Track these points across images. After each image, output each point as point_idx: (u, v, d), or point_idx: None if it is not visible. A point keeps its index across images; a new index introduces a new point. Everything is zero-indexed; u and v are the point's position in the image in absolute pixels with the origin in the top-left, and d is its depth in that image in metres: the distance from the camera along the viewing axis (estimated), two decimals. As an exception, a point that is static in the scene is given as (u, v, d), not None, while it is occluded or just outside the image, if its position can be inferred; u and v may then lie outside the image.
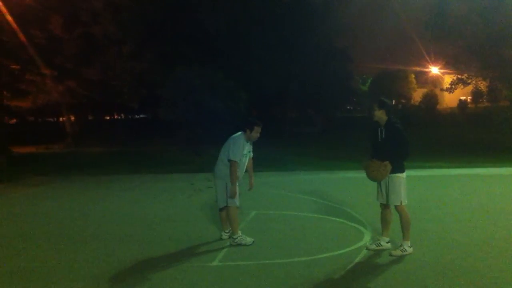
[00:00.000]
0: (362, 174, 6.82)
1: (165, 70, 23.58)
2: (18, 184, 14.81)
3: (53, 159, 23.08)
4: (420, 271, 5.67)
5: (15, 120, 37.60)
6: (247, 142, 7.16)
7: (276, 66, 30.05)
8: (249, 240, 7.08)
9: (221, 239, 7.35)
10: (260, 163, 15.16)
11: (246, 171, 7.35)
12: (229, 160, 6.95)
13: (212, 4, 29.26)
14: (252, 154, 7.35)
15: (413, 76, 61.67)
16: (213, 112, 20.56)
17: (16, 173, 17.22)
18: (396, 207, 6.38)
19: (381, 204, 6.60)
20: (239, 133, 7.19)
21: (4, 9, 22.91)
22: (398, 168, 6.29)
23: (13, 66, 26.52)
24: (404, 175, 6.37)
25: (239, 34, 29.90)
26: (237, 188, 7.09)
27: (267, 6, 30.50)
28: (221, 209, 7.31)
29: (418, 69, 49.78)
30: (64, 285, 5.54)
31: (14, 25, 23.39)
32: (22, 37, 23.99)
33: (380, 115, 6.36)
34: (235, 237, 7.09)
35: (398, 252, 6.28)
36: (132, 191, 13.06)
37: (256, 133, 7.12)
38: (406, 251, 6.29)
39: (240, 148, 7.01)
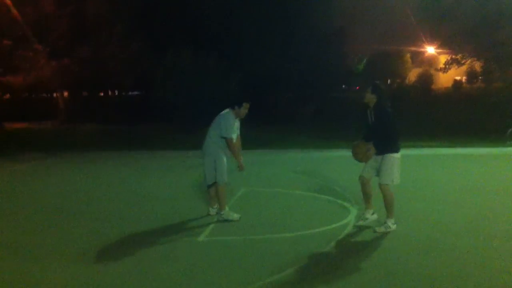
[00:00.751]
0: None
1: (157, 51, 23.41)
2: (9, 160, 14.78)
3: (45, 135, 23.01)
4: (403, 248, 5.76)
5: (8, 96, 37.32)
6: (236, 119, 7.19)
7: (270, 47, 29.85)
8: (236, 216, 7.14)
9: (208, 215, 7.40)
10: (253, 142, 15.29)
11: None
12: (223, 137, 7.01)
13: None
14: (239, 132, 7.37)
15: (408, 56, 61.38)
16: (206, 93, 20.50)
17: (8, 148, 17.18)
18: (381, 185, 6.43)
19: (361, 178, 6.65)
20: (227, 110, 7.21)
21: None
22: (391, 148, 6.38)
23: (5, 42, 26.27)
24: (398, 155, 6.44)
25: (232, 16, 29.63)
26: (225, 164, 7.15)
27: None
28: (209, 186, 7.35)
29: (413, 49, 49.57)
30: (48, 261, 5.58)
31: (6, 1, 23.14)
32: (14, 13, 23.74)
33: (371, 98, 6.45)
34: (222, 212, 7.15)
35: (382, 229, 6.36)
36: (123, 168, 13.12)
37: (244, 109, 7.16)
38: (390, 228, 6.37)
39: (232, 124, 7.05)
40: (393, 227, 6.39)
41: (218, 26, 29.49)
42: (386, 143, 6.34)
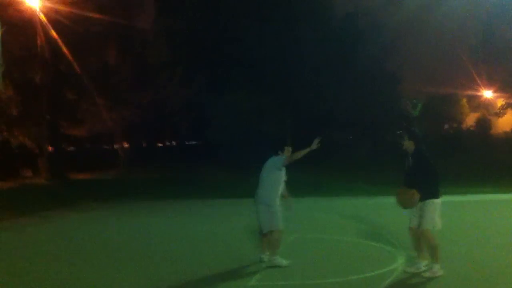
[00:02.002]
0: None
1: (214, 94, 24.16)
2: (74, 209, 15.53)
3: (107, 185, 23.92)
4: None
5: (72, 147, 39.08)
6: (284, 162, 7.41)
7: (323, 88, 30.26)
8: (285, 262, 7.30)
9: (260, 261, 7.55)
10: (305, 187, 15.55)
11: (282, 196, 7.62)
12: (283, 166, 7.33)
13: (259, 28, 29.79)
14: (285, 178, 7.63)
15: (465, 100, 60.31)
16: (260, 135, 20.86)
17: (72, 198, 18.04)
18: (422, 230, 6.51)
19: (410, 229, 6.78)
20: (272, 158, 7.56)
21: (60, 40, 24.18)
22: (431, 194, 6.49)
23: (70, 96, 27.86)
24: (438, 200, 6.54)
25: (285, 57, 30.26)
26: (280, 212, 7.38)
27: (315, 29, 30.76)
28: (262, 233, 7.53)
29: (470, 93, 48.79)
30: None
31: (70, 55, 24.62)
32: (77, 66, 25.18)
33: (409, 145, 6.65)
34: (272, 258, 7.35)
35: (428, 274, 6.45)
36: (180, 215, 13.62)
37: (288, 152, 7.45)
38: (437, 273, 6.42)
39: (283, 162, 7.33)
40: (440, 272, 6.43)
41: (272, 67, 30.11)
42: (426, 189, 6.43)
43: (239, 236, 9.95)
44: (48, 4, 23.06)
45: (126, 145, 35.68)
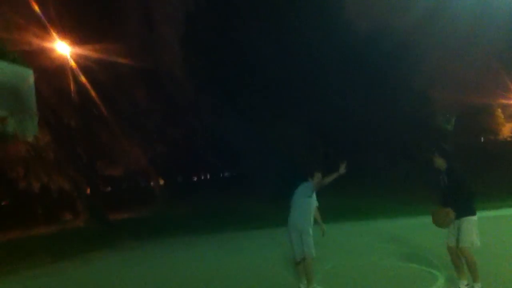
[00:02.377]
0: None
1: (241, 126, 24.34)
2: (113, 249, 15.78)
3: (145, 223, 24.25)
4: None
5: (109, 188, 39.80)
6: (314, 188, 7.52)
7: (350, 112, 30.20)
8: None
9: None
10: (341, 212, 15.46)
11: (315, 221, 7.68)
12: (313, 192, 7.45)
13: (282, 55, 29.97)
14: (317, 204, 7.73)
15: (499, 110, 59.25)
16: (290, 163, 20.86)
17: (111, 238, 18.34)
18: (461, 248, 6.44)
19: (448, 248, 6.71)
20: (303, 183, 7.66)
21: (91, 85, 24.92)
22: (467, 211, 6.44)
23: (103, 137, 28.52)
24: (475, 217, 6.48)
25: (312, 82, 30.29)
26: (312, 239, 7.40)
27: (338, 52, 30.79)
28: (297, 262, 7.57)
29: (504, 102, 48.01)
30: None
31: (101, 99, 25.32)
32: (109, 109, 25.83)
33: (440, 162, 6.66)
34: (311, 286, 7.34)
35: None
36: (217, 250, 13.64)
37: (317, 178, 7.50)
38: None
39: (312, 188, 7.45)
40: None
41: (299, 93, 30.15)
42: (463, 206, 6.39)
43: (275, 266, 9.94)
44: (79, 52, 23.82)
45: (161, 181, 36.14)
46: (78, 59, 24.05)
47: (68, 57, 23.29)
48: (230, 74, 31.19)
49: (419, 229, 13.06)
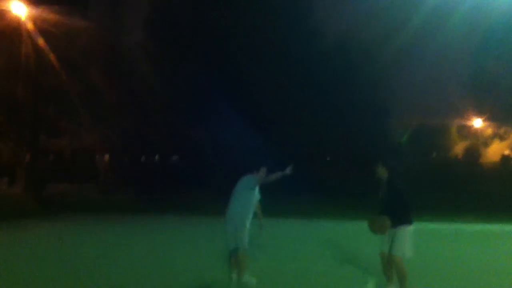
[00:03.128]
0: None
1: (199, 124, 23.96)
2: (46, 220, 15.35)
3: (83, 198, 23.78)
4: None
5: (52, 157, 38.72)
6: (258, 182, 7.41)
7: (309, 114, 30.12)
8: (253, 280, 7.31)
9: (229, 279, 7.45)
10: (284, 212, 15.35)
11: (255, 215, 7.62)
12: (255, 185, 7.36)
13: (248, 49, 29.64)
14: (259, 198, 7.66)
15: (454, 129, 60.76)
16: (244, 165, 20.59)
17: (47, 209, 17.86)
18: (393, 257, 6.44)
19: (381, 254, 6.75)
20: (248, 175, 7.57)
21: (45, 54, 24.02)
22: (403, 220, 6.50)
23: (51, 111, 27.63)
24: (411, 227, 6.54)
25: (278, 96, 30.06)
26: (247, 232, 7.28)
27: (306, 52, 30.60)
28: (231, 253, 7.47)
29: (459, 121, 49.09)
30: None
31: (55, 69, 24.41)
32: (61, 82, 24.95)
33: (382, 172, 6.82)
34: (240, 277, 7.27)
35: None
36: (153, 233, 13.37)
37: (262, 173, 7.41)
38: None
39: (256, 181, 7.36)
40: None
41: (265, 102, 29.98)
42: (399, 216, 6.44)
43: (208, 253, 9.84)
44: (35, 13, 22.77)
45: (106, 159, 35.31)
46: (33, 22, 23.06)
47: (23, 18, 22.29)
48: (190, 57, 30.67)
49: (357, 234, 13.00)
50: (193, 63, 29.64)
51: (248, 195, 7.37)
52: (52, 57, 24.08)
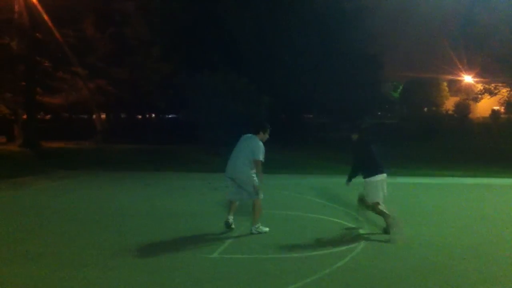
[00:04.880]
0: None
1: (191, 73, 24.06)
2: (43, 177, 15.41)
3: (80, 155, 23.89)
4: (405, 271, 5.96)
5: (49, 116, 38.74)
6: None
7: (302, 72, 30.21)
8: (267, 229, 7.82)
9: (226, 226, 7.84)
10: (277, 165, 15.60)
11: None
12: (257, 161, 7.57)
13: (239, 10, 29.67)
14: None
15: (445, 84, 60.88)
16: (235, 115, 20.75)
17: (43, 166, 17.96)
18: (366, 203, 7.80)
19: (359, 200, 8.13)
20: (251, 135, 7.84)
21: (39, 8, 23.78)
22: (369, 174, 7.74)
23: (46, 64, 27.51)
24: (374, 179, 7.69)
25: (265, 40, 30.18)
26: (256, 182, 7.65)
27: (296, 12, 30.62)
28: (230, 201, 7.98)
29: (451, 77, 49.19)
30: (70, 270, 5.99)
31: (48, 23, 24.21)
32: (55, 35, 24.79)
33: (354, 137, 8.11)
34: (256, 226, 7.73)
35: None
36: (150, 187, 13.54)
37: (267, 134, 7.84)
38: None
39: (263, 149, 7.65)
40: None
41: (251, 49, 30.02)
42: (366, 171, 7.75)
43: (208, 208, 10.02)
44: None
45: (103, 116, 35.41)
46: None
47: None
48: (184, 21, 30.61)
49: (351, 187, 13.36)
50: (186, 12, 29.71)
51: (250, 156, 7.60)
52: (44, 10, 23.85)
